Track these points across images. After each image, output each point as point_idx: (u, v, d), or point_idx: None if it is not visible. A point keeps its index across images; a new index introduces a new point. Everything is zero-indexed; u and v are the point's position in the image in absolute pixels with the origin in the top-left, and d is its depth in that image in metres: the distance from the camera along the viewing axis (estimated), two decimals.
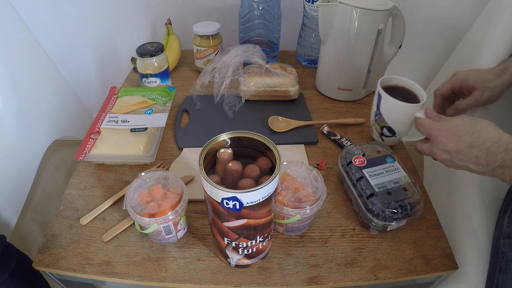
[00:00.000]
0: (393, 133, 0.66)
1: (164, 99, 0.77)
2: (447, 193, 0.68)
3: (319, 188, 0.52)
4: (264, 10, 0.86)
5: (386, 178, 0.57)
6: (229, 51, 0.82)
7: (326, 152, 0.71)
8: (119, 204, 0.61)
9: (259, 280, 0.51)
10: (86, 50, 1.13)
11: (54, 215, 0.60)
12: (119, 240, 0.56)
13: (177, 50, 0.95)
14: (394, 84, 0.67)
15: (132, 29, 1.08)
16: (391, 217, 0.53)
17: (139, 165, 0.68)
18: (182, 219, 0.54)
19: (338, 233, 0.57)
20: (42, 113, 0.91)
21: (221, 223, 0.44)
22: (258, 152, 0.46)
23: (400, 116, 0.64)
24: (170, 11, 1.01)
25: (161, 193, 0.51)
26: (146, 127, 0.69)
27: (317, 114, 0.81)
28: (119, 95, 0.78)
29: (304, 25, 0.92)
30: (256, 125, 0.76)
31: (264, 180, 0.40)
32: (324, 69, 0.85)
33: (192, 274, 0.52)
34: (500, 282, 0.46)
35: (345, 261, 0.54)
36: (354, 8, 0.70)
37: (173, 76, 0.93)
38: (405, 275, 0.52)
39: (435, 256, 0.55)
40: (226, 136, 0.45)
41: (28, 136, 0.85)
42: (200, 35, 0.87)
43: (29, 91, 0.86)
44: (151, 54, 0.78)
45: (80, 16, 1.04)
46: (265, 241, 0.49)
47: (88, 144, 0.66)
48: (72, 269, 0.52)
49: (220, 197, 0.39)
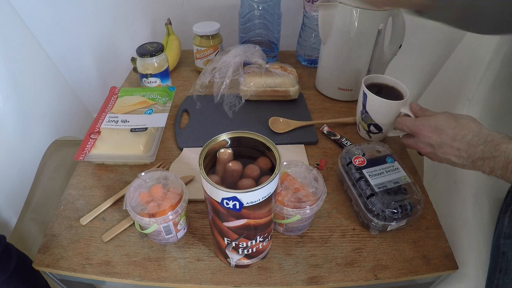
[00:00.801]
0: (380, 130, 0.70)
1: (164, 99, 0.77)
2: (447, 193, 0.68)
3: (319, 188, 0.52)
4: (264, 10, 0.86)
5: (386, 178, 0.57)
6: (229, 51, 0.82)
7: (326, 152, 0.71)
8: (119, 204, 0.61)
9: (259, 280, 0.51)
10: (86, 50, 1.13)
11: (54, 215, 0.60)
12: (119, 240, 0.56)
13: (177, 50, 0.95)
14: (377, 82, 0.70)
15: (132, 29, 1.08)
16: (391, 217, 0.53)
17: (139, 165, 0.68)
18: (182, 219, 0.54)
19: (338, 233, 0.57)
20: (42, 113, 0.91)
21: (221, 223, 0.44)
22: (258, 152, 0.46)
23: (386, 113, 0.67)
24: (170, 11, 1.01)
25: (161, 193, 0.51)
26: (146, 127, 0.69)
27: (317, 114, 0.81)
28: (119, 95, 0.78)
29: (304, 25, 0.92)
30: (256, 125, 0.76)
31: (264, 180, 0.40)
32: (324, 69, 0.85)
33: (192, 274, 0.52)
34: (501, 283, 0.46)
35: (345, 261, 0.54)
36: (354, 8, 0.70)
37: (173, 76, 0.93)
38: (405, 275, 0.52)
39: (435, 256, 0.55)
40: (226, 136, 0.45)
41: (28, 136, 0.85)
42: (200, 35, 0.87)
43: (29, 91, 0.86)
44: (151, 54, 0.78)
45: (80, 16, 1.04)
46: (265, 241, 0.49)
47: (88, 144, 0.66)
48: (72, 269, 0.52)
49: (220, 197, 0.39)
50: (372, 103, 0.67)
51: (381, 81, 0.70)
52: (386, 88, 0.69)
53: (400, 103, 0.65)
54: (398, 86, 0.69)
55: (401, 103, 0.65)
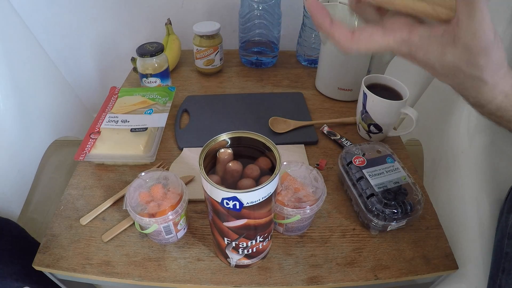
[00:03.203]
0: (380, 130, 0.70)
1: (164, 99, 0.77)
2: (447, 193, 0.68)
3: (319, 188, 0.52)
4: (264, 10, 0.86)
5: (386, 178, 0.57)
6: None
7: (326, 152, 0.71)
8: (119, 204, 0.61)
9: (259, 280, 0.51)
10: (86, 50, 1.13)
11: (54, 215, 0.60)
12: (119, 240, 0.56)
13: (177, 50, 0.95)
14: (377, 82, 0.70)
15: (132, 29, 1.08)
16: (391, 217, 0.53)
17: (139, 165, 0.68)
18: (182, 219, 0.54)
19: (338, 233, 0.57)
20: (42, 113, 0.91)
21: (221, 223, 0.44)
22: (258, 152, 0.46)
23: (386, 113, 0.67)
24: (170, 11, 1.01)
25: (161, 193, 0.51)
26: (146, 127, 0.69)
27: (317, 114, 0.81)
28: (119, 95, 0.78)
29: (304, 25, 0.92)
30: (256, 125, 0.76)
31: (264, 180, 0.40)
32: (324, 69, 0.85)
33: (192, 274, 0.52)
34: (503, 283, 0.46)
35: (345, 261, 0.54)
36: None
37: (173, 76, 0.93)
38: (405, 275, 0.52)
39: (435, 256, 0.55)
40: (226, 136, 0.45)
41: (28, 136, 0.85)
42: (200, 35, 0.87)
43: (29, 91, 0.86)
44: (151, 54, 0.78)
45: (80, 16, 1.04)
46: (265, 241, 0.48)
47: (88, 144, 0.66)
48: (72, 269, 0.52)
49: (220, 197, 0.39)
50: (372, 103, 0.67)
51: (381, 81, 0.70)
52: (386, 88, 0.70)
53: (400, 103, 0.65)
54: (398, 86, 0.69)
55: (401, 103, 0.65)
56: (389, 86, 0.70)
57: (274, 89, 0.89)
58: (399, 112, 0.66)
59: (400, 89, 0.68)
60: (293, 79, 0.93)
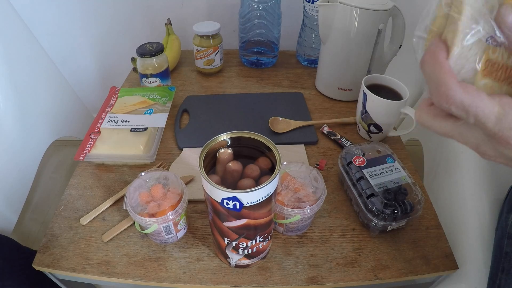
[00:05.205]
0: (380, 130, 0.70)
1: (164, 99, 0.77)
2: (447, 193, 0.68)
3: (319, 188, 0.52)
4: (264, 10, 0.86)
5: (386, 178, 0.57)
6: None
7: (326, 152, 0.71)
8: (119, 204, 0.61)
9: (259, 280, 0.51)
10: (86, 50, 1.13)
11: (54, 215, 0.60)
12: (119, 240, 0.56)
13: (177, 50, 0.95)
14: (377, 82, 0.70)
15: (132, 29, 1.08)
16: (391, 217, 0.53)
17: (139, 165, 0.68)
18: (182, 219, 0.54)
19: (338, 233, 0.57)
20: (42, 113, 0.91)
21: (221, 223, 0.44)
22: (258, 152, 0.46)
23: (386, 113, 0.67)
24: (170, 11, 1.01)
25: (161, 193, 0.51)
26: (146, 127, 0.69)
27: (317, 114, 0.81)
28: (119, 95, 0.78)
29: (304, 25, 0.92)
30: (256, 125, 0.76)
31: (264, 180, 0.40)
32: (324, 69, 0.85)
33: (192, 274, 0.52)
34: (503, 283, 0.46)
35: (345, 261, 0.54)
36: (354, 8, 0.70)
37: (173, 76, 0.93)
38: (405, 275, 0.52)
39: (435, 256, 0.55)
40: (226, 136, 0.45)
41: (28, 136, 0.85)
42: (200, 35, 0.87)
43: (29, 91, 0.86)
44: (151, 54, 0.78)
45: (80, 16, 1.04)
46: (265, 241, 0.48)
47: (88, 144, 0.66)
48: (72, 269, 0.52)
49: (220, 197, 0.39)
50: (372, 103, 0.67)
51: (381, 81, 0.71)
52: (386, 88, 0.70)
53: (400, 103, 0.65)
54: (398, 86, 0.69)
55: (401, 103, 0.65)
56: (389, 86, 0.70)
57: (274, 89, 0.89)
58: (399, 112, 0.66)
59: (400, 89, 0.68)
60: (293, 79, 0.93)
